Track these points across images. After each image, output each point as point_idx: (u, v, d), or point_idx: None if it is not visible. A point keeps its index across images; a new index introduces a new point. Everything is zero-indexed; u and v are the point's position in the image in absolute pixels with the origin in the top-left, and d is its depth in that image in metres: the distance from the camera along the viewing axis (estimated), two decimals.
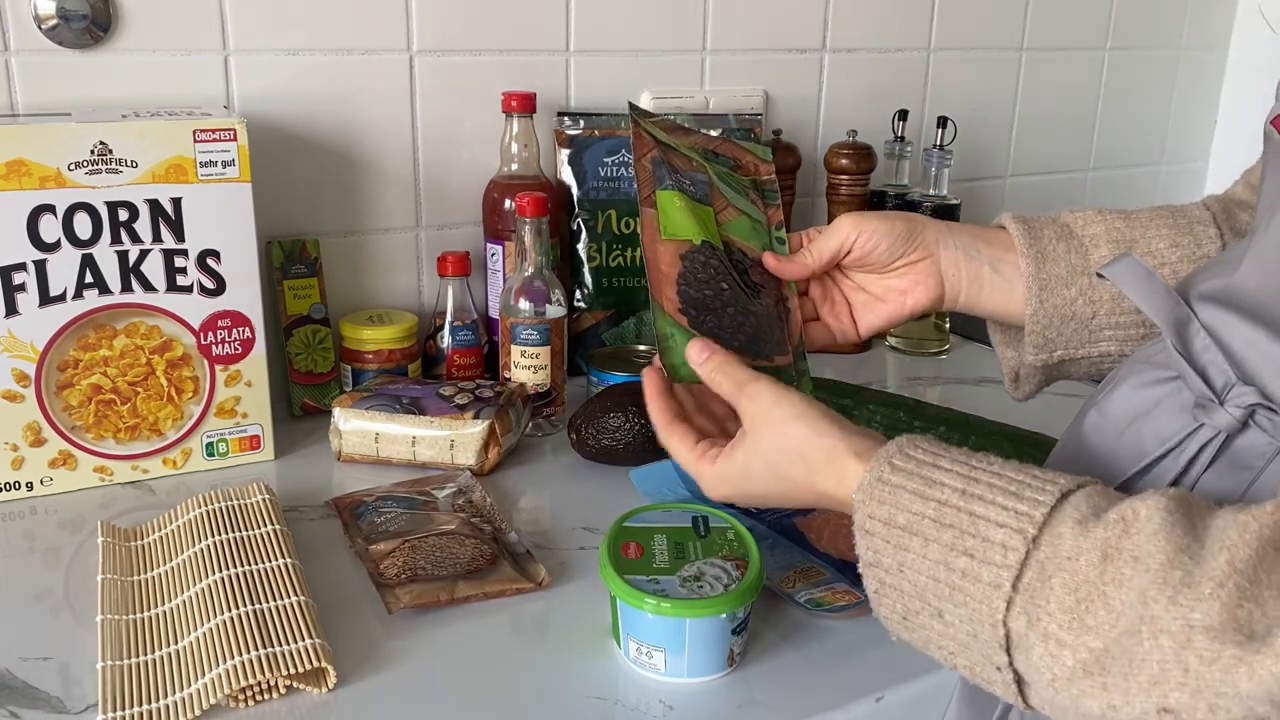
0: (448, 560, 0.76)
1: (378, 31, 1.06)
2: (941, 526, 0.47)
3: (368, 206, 1.10)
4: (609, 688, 0.65)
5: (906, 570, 0.48)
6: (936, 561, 0.47)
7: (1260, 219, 0.51)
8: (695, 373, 0.64)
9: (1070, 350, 0.67)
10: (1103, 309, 0.66)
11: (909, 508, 0.49)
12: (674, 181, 0.70)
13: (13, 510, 0.86)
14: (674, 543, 0.69)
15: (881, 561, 0.49)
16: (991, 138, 1.52)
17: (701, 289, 0.68)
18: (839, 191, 1.25)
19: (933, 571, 0.47)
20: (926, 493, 0.48)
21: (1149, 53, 1.63)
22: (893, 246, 0.68)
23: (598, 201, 1.15)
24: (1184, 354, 0.51)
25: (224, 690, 0.60)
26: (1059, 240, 0.67)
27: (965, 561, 0.46)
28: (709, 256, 0.68)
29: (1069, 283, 0.66)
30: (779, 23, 1.28)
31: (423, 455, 0.93)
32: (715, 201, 0.72)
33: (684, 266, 0.68)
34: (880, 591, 0.50)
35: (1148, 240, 0.66)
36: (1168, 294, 0.52)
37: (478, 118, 1.12)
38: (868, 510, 0.50)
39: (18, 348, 0.84)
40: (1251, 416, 0.48)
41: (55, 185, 0.82)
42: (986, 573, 0.45)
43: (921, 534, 0.48)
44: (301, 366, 1.04)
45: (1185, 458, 0.50)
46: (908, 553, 0.48)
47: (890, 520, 0.49)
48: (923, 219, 0.69)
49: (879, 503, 0.50)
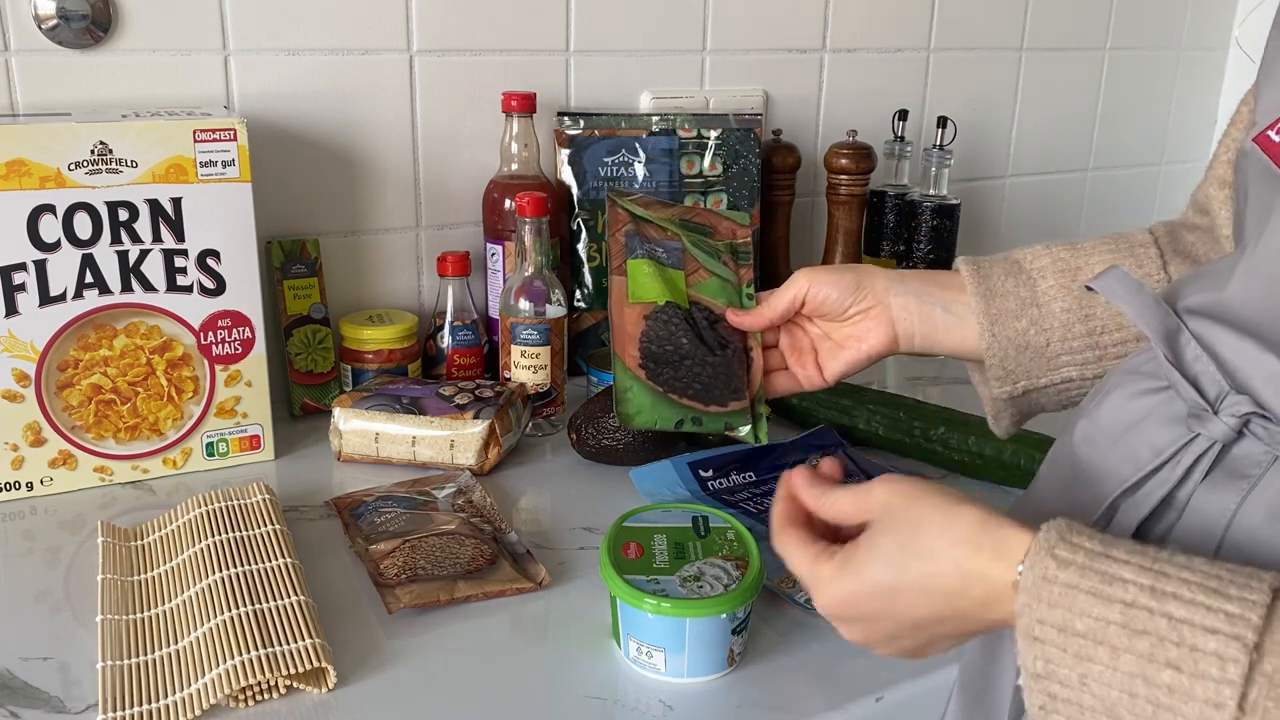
0: (448, 560, 0.76)
1: (378, 31, 1.06)
2: (1134, 634, 0.41)
3: (368, 206, 1.10)
4: (609, 688, 0.65)
5: (1091, 684, 0.42)
6: (1131, 675, 0.40)
7: (1248, 236, 0.51)
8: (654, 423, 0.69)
9: (1032, 379, 0.70)
10: (1055, 336, 0.69)
11: (1088, 611, 0.42)
12: (645, 251, 0.75)
13: (13, 510, 0.86)
14: (674, 543, 0.69)
15: (1055, 674, 0.43)
16: (991, 138, 1.52)
17: (662, 345, 0.73)
18: (839, 191, 1.25)
19: (1127, 686, 0.41)
20: (1107, 592, 0.42)
21: (1149, 53, 1.63)
22: (843, 297, 0.72)
23: (598, 201, 1.15)
24: (1175, 364, 0.51)
25: (224, 690, 0.60)
26: (1007, 276, 0.70)
27: (1171, 675, 0.39)
28: (671, 315, 0.75)
29: (1019, 314, 0.69)
30: (779, 23, 1.28)
31: (423, 455, 0.93)
32: (687, 265, 0.78)
33: (647, 325, 0.73)
34: (1049, 707, 0.43)
35: (1091, 267, 0.69)
36: (1157, 305, 0.53)
37: (478, 118, 1.12)
38: (1036, 614, 0.43)
39: (18, 348, 0.84)
40: (1246, 425, 0.48)
41: (55, 185, 0.82)
42: (1201, 689, 0.39)
43: (1108, 643, 0.41)
44: (301, 366, 1.04)
45: (1181, 469, 0.49)
46: (1092, 664, 0.41)
47: (1066, 626, 0.42)
48: (873, 269, 0.74)
49: (1049, 605, 0.43)
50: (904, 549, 0.48)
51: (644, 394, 0.72)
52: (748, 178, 1.19)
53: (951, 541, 0.46)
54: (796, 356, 0.77)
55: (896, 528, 0.48)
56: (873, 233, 1.32)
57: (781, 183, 1.24)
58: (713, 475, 0.90)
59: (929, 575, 0.47)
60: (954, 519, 0.47)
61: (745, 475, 0.91)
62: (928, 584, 0.47)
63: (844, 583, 0.50)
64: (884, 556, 0.48)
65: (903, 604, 0.48)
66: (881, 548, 0.48)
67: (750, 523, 0.79)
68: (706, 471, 0.90)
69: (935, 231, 1.26)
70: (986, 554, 0.45)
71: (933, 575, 0.47)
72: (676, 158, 1.16)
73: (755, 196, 1.20)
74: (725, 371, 0.74)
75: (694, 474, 0.89)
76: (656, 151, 1.16)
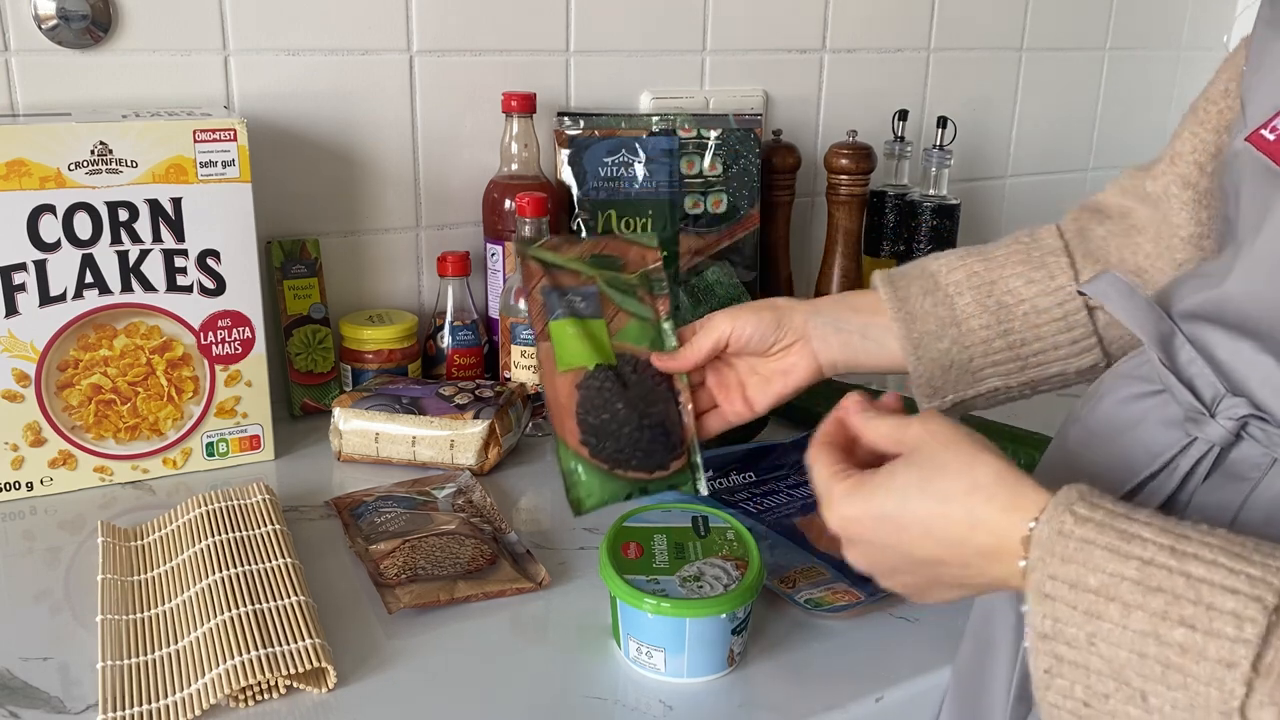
0: (447, 560, 0.76)
1: (378, 31, 1.06)
2: (1148, 590, 0.39)
3: (368, 206, 1.10)
4: (609, 688, 0.65)
5: (1099, 644, 0.40)
6: (1142, 633, 0.39)
7: (1241, 234, 0.51)
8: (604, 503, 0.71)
9: (960, 392, 0.72)
10: (977, 352, 0.70)
11: (1103, 567, 0.41)
12: (564, 308, 0.76)
13: (13, 510, 0.86)
14: (674, 543, 0.69)
15: (1063, 633, 0.41)
16: (991, 138, 1.52)
17: (598, 414, 0.74)
18: (839, 191, 1.25)
19: (1137, 645, 0.39)
20: (1124, 549, 0.41)
21: (1149, 53, 1.63)
22: (765, 335, 0.73)
23: (598, 201, 1.15)
24: (1170, 367, 0.51)
25: (224, 690, 0.60)
26: (925, 295, 0.71)
27: (1184, 634, 0.38)
28: (603, 380, 0.75)
29: (940, 335, 0.70)
30: (779, 23, 1.28)
31: (423, 455, 0.93)
32: (606, 310, 0.78)
33: (581, 395, 0.74)
34: (1054, 670, 0.42)
35: (1005, 280, 0.70)
36: (1150, 309, 0.53)
37: (478, 118, 1.12)
38: (1048, 569, 0.42)
39: (18, 348, 0.84)
40: (1244, 428, 0.48)
41: (55, 185, 0.82)
42: (1214, 648, 0.38)
43: (1120, 599, 0.40)
44: (301, 366, 1.04)
45: (1180, 473, 0.49)
46: (1101, 621, 0.40)
47: (1078, 582, 0.41)
48: (791, 304, 0.75)
49: (1062, 560, 0.42)
50: (919, 486, 0.48)
51: (591, 474, 0.73)
52: (748, 178, 1.19)
53: (966, 488, 0.46)
54: (724, 393, 0.78)
55: (919, 465, 0.48)
56: (873, 233, 1.32)
57: (781, 183, 1.24)
58: (712, 475, 0.90)
59: (936, 516, 0.47)
60: (975, 467, 0.47)
61: (745, 475, 0.91)
62: (933, 524, 0.47)
63: (851, 502, 0.50)
64: (897, 487, 0.48)
65: (907, 538, 0.48)
66: (898, 479, 0.49)
67: (750, 523, 0.79)
68: (706, 471, 0.90)
69: (935, 231, 1.26)
70: (998, 504, 0.45)
71: (940, 517, 0.47)
72: (676, 158, 1.16)
73: (755, 196, 1.20)
74: (662, 430, 0.75)
75: None
76: (656, 151, 1.16)
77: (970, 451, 0.48)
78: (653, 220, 1.17)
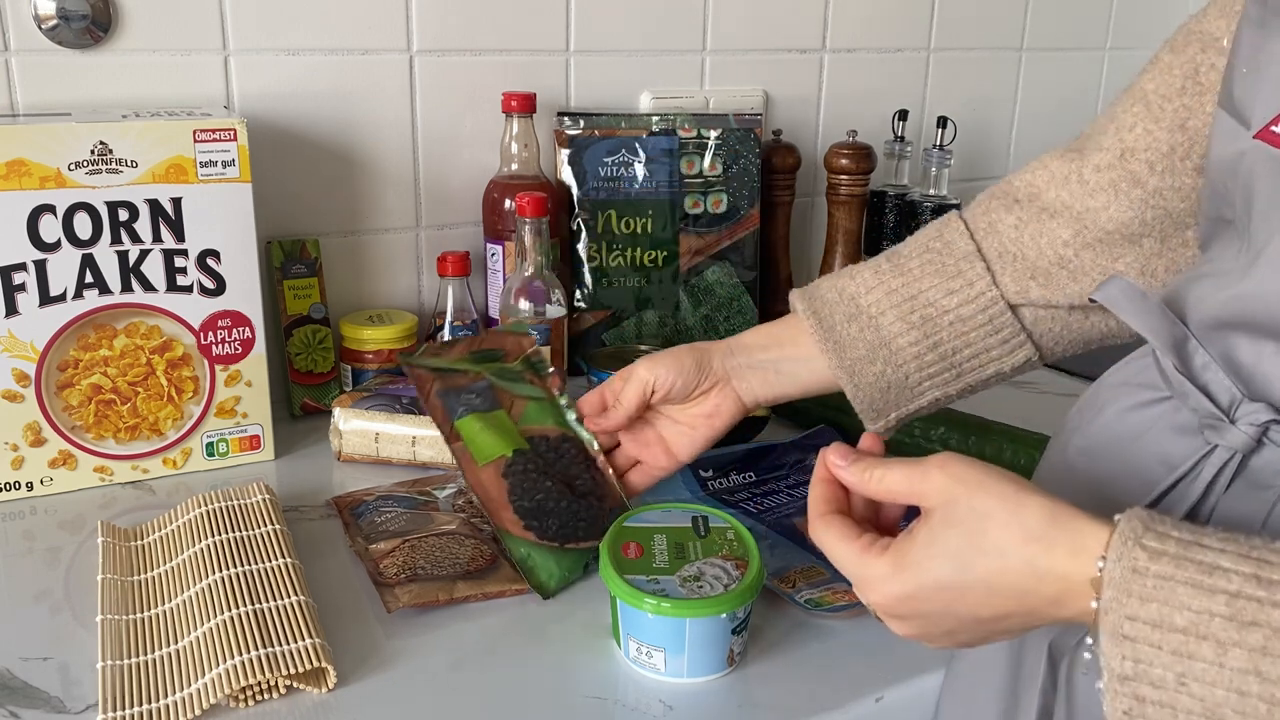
0: (447, 560, 0.76)
1: (378, 31, 1.06)
2: (1243, 626, 0.38)
3: (368, 206, 1.10)
4: (609, 688, 0.65)
5: (1191, 684, 0.39)
6: (1243, 671, 0.38)
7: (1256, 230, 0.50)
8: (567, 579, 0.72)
9: (901, 408, 0.72)
10: (911, 368, 0.70)
11: (1189, 604, 0.39)
12: (465, 406, 0.78)
13: (13, 510, 0.86)
14: (674, 543, 0.69)
15: (1147, 674, 0.39)
16: (991, 138, 1.52)
17: (533, 496, 0.76)
18: (839, 191, 1.25)
19: (1236, 683, 0.38)
20: (1208, 583, 0.39)
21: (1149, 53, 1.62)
22: (686, 381, 0.74)
23: (598, 201, 1.15)
24: (1185, 373, 0.50)
25: (224, 690, 0.60)
26: (849, 321, 0.71)
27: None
28: (525, 463, 0.77)
29: (872, 359, 0.70)
30: (779, 23, 1.28)
31: (423, 455, 0.93)
32: (503, 401, 0.80)
33: (509, 484, 0.76)
34: (1135, 712, 0.40)
35: (925, 294, 0.69)
36: (1163, 314, 0.52)
37: (478, 118, 1.12)
38: (1125, 610, 0.40)
39: (18, 348, 0.84)
40: (1265, 434, 0.47)
41: (55, 185, 0.82)
42: None
43: (1213, 638, 0.38)
44: (301, 366, 1.04)
45: (1203, 481, 0.48)
46: (1194, 661, 0.39)
47: (1162, 622, 0.39)
48: (706, 347, 0.75)
49: (1141, 600, 0.40)
50: (971, 545, 0.44)
51: (545, 556, 0.75)
52: (748, 178, 1.19)
53: (1023, 538, 0.43)
54: (644, 449, 0.78)
55: (960, 520, 0.45)
56: (873, 233, 1.32)
57: (781, 183, 1.24)
58: (713, 475, 0.90)
59: (997, 573, 0.44)
60: (1022, 512, 0.43)
61: (745, 475, 0.91)
62: (995, 582, 0.44)
63: (901, 581, 0.46)
64: (949, 553, 0.45)
65: (969, 603, 0.45)
66: (944, 543, 0.45)
67: (750, 523, 0.79)
68: (706, 471, 0.90)
69: None
70: (1061, 550, 0.42)
71: (1001, 573, 0.44)
72: (676, 158, 1.16)
73: (755, 196, 1.20)
74: (596, 496, 0.77)
75: (694, 474, 0.89)
76: (656, 151, 1.16)
77: (1010, 495, 0.44)
78: (653, 220, 1.17)
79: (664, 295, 1.18)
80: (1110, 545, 0.41)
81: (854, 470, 0.50)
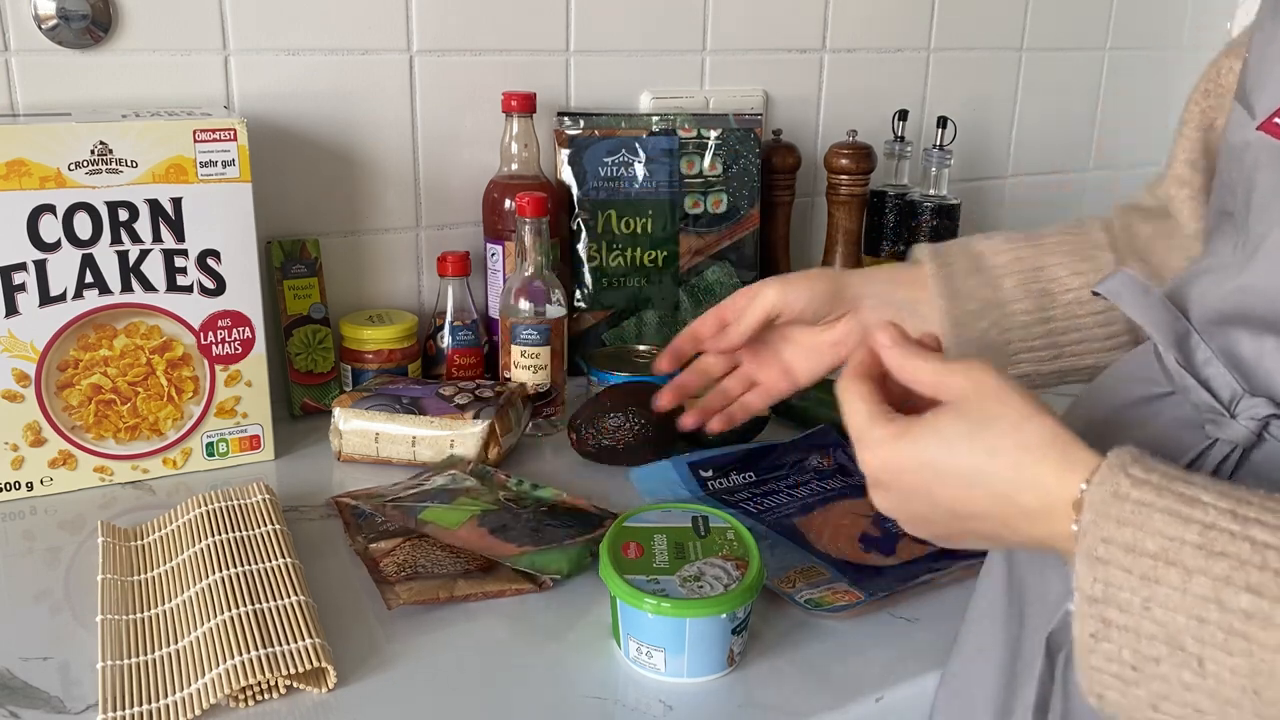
0: (447, 559, 0.76)
1: (378, 31, 1.06)
2: (1211, 555, 0.39)
3: (368, 206, 1.10)
4: (609, 688, 0.65)
5: (1154, 608, 0.39)
6: (1203, 598, 0.38)
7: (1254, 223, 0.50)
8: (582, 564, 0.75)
9: None
10: (1015, 336, 0.70)
11: (1163, 530, 0.40)
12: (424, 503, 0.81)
13: (13, 510, 0.86)
14: (674, 543, 0.69)
15: (1115, 597, 0.40)
16: (991, 138, 1.52)
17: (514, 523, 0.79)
18: (839, 191, 1.25)
19: (1197, 610, 0.39)
20: (1185, 512, 0.40)
21: (1149, 53, 1.63)
22: (818, 307, 0.72)
23: (598, 201, 1.15)
24: (1186, 367, 0.50)
25: (224, 690, 0.60)
26: (969, 275, 0.71)
27: (1249, 600, 0.38)
28: (495, 511, 0.81)
29: (981, 316, 0.70)
30: (779, 23, 1.28)
31: (423, 455, 0.93)
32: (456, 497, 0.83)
33: (488, 529, 0.78)
34: (1101, 635, 0.41)
35: (1051, 268, 0.70)
36: (1165, 308, 0.52)
37: (478, 118, 1.12)
38: (1101, 532, 0.41)
39: (18, 348, 0.84)
40: (1265, 428, 0.47)
41: (55, 185, 0.82)
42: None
43: (1181, 564, 0.39)
44: (301, 366, 1.04)
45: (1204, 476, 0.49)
46: (1159, 586, 0.39)
47: (1135, 546, 0.40)
48: (844, 275, 0.73)
49: (1118, 523, 0.40)
50: (967, 437, 0.46)
51: (547, 556, 0.76)
52: (748, 178, 1.19)
53: (1017, 444, 0.44)
54: (762, 369, 0.77)
55: (967, 415, 0.46)
56: (873, 233, 1.32)
57: (781, 183, 1.24)
58: (713, 475, 0.90)
59: (982, 470, 0.45)
60: (1027, 424, 0.45)
61: (745, 475, 0.91)
62: (979, 477, 0.45)
63: (894, 447, 0.48)
64: (944, 437, 0.46)
65: (948, 489, 0.47)
66: (944, 428, 0.46)
67: (750, 523, 0.80)
68: (706, 471, 0.90)
69: (935, 231, 1.26)
70: (1050, 465, 0.43)
71: (986, 472, 0.45)
72: (676, 158, 1.16)
73: (755, 196, 1.20)
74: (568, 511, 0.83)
75: (694, 474, 0.89)
76: (656, 151, 1.16)
77: (1021, 406, 0.45)
78: (653, 220, 1.17)
79: (664, 295, 1.18)
80: (1097, 471, 0.42)
81: (894, 353, 0.51)
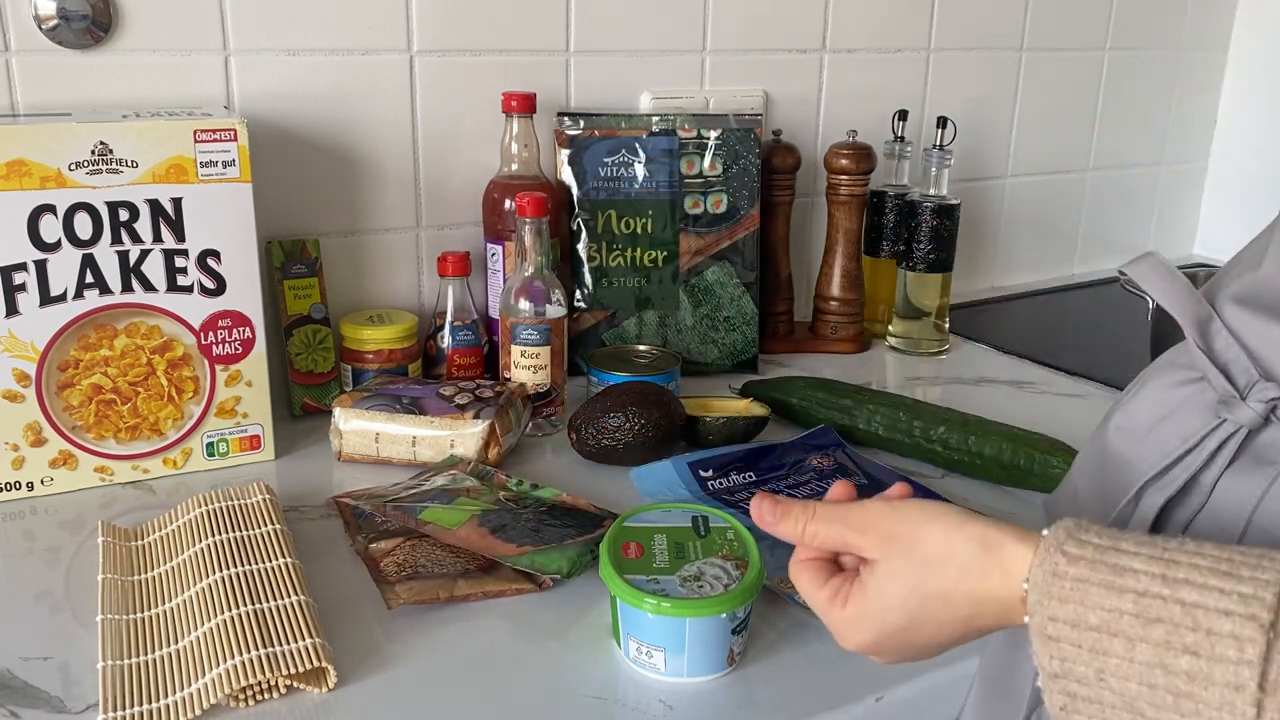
0: (448, 559, 0.76)
1: (378, 31, 1.06)
2: (1148, 622, 0.40)
3: (368, 206, 1.10)
4: (609, 687, 0.65)
5: (1109, 679, 0.41)
6: (1149, 664, 0.40)
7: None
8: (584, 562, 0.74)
9: None
10: None
11: (1101, 604, 0.41)
12: (424, 503, 0.82)
13: (13, 510, 0.86)
14: (674, 543, 0.69)
15: (1072, 671, 0.42)
16: (991, 138, 1.52)
17: (516, 522, 0.79)
18: (839, 191, 1.25)
19: (1145, 677, 0.40)
20: (1118, 583, 0.41)
21: (1149, 53, 1.63)
22: None
23: (598, 201, 1.15)
24: (1206, 352, 0.51)
25: (224, 690, 0.60)
26: None
27: (1189, 661, 0.39)
28: (493, 510, 0.81)
29: None
30: (779, 23, 1.28)
31: (423, 455, 0.93)
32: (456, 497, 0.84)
33: (489, 528, 0.78)
34: (1070, 707, 0.43)
35: None
36: (1190, 293, 0.53)
37: (478, 118, 1.12)
38: (1047, 611, 0.42)
39: (18, 348, 0.84)
40: (1273, 412, 0.48)
41: (56, 185, 0.82)
42: (1220, 672, 0.38)
43: (1123, 634, 0.40)
44: (302, 366, 1.04)
45: (1205, 453, 0.50)
46: (1109, 657, 0.41)
47: (1079, 621, 0.42)
48: None
49: (1060, 601, 0.42)
50: (916, 594, 0.48)
51: (548, 555, 0.76)
52: (748, 178, 1.19)
53: (958, 576, 0.47)
54: None
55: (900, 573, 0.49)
56: (873, 233, 1.32)
57: (781, 183, 1.24)
58: (713, 475, 0.90)
59: (942, 613, 0.48)
60: (954, 551, 0.47)
61: (745, 475, 0.91)
62: (943, 617, 0.48)
63: (864, 631, 0.51)
64: (898, 607, 0.49)
65: (924, 636, 0.49)
66: (891, 596, 0.49)
67: (750, 523, 0.79)
68: (706, 471, 0.90)
69: (935, 231, 1.26)
70: (994, 577, 0.46)
71: (945, 610, 0.48)
72: (676, 158, 1.16)
73: (755, 196, 1.20)
74: (567, 512, 0.83)
75: (694, 474, 0.89)
76: (656, 151, 1.16)
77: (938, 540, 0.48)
78: (653, 220, 1.17)
79: (664, 295, 1.18)
80: (1036, 555, 0.44)
81: (785, 526, 0.53)
